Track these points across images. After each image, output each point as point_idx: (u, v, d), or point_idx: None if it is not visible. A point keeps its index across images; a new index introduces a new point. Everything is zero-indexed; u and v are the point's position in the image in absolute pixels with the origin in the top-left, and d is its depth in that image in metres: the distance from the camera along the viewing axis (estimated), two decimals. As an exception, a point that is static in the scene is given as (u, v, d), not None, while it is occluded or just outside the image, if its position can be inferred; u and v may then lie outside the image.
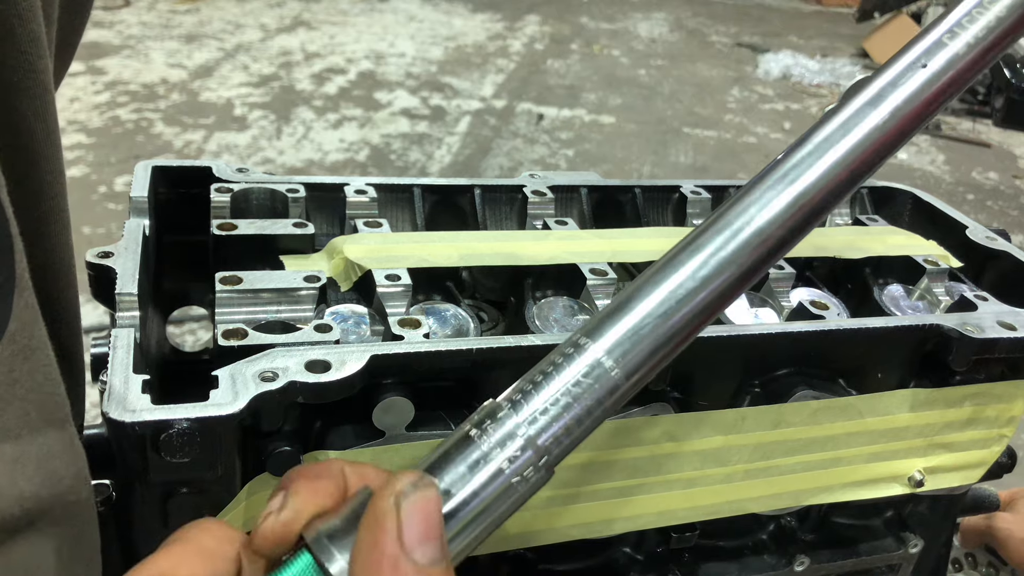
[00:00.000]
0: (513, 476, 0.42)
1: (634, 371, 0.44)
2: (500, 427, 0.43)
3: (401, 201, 0.87)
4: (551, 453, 0.43)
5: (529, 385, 0.44)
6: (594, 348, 0.44)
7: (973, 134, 5.82)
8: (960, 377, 0.76)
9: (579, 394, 0.43)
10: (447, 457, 0.43)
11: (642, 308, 0.45)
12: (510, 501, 0.43)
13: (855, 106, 0.49)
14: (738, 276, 0.46)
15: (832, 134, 0.48)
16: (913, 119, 0.49)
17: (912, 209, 1.02)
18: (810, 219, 0.48)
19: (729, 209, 0.48)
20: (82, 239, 3.36)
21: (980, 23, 0.49)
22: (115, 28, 6.42)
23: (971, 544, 1.06)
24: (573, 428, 0.43)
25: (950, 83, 0.49)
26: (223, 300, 0.64)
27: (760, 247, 0.46)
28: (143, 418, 0.49)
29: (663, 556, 0.77)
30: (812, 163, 0.48)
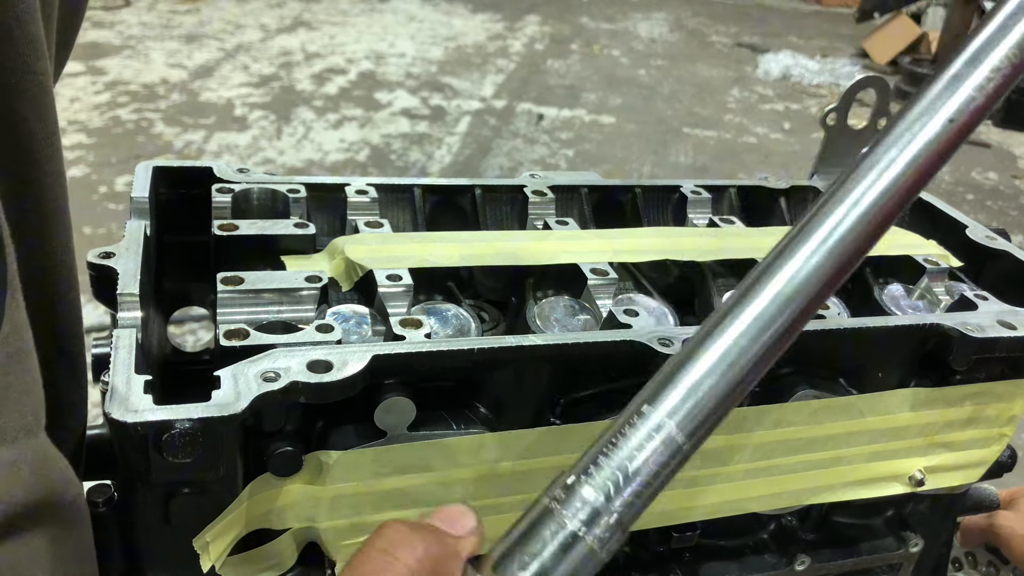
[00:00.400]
0: (594, 543, 0.45)
1: (695, 432, 0.47)
2: (575, 497, 0.45)
3: (402, 201, 0.87)
4: (623, 517, 0.46)
5: (597, 454, 0.47)
6: (655, 414, 0.47)
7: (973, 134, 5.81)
8: (960, 376, 0.76)
9: (645, 459, 0.46)
10: (532, 530, 0.45)
11: (697, 370, 0.47)
12: (590, 566, 0.45)
13: (877, 155, 0.51)
14: (781, 333, 0.49)
15: (859, 188, 0.51)
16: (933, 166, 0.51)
17: (912, 209, 1.02)
18: (845, 270, 0.50)
19: (770, 266, 0.51)
20: (83, 239, 3.36)
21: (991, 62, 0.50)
22: (115, 28, 6.43)
23: (971, 543, 1.06)
24: (642, 492, 0.46)
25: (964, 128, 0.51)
26: (224, 300, 0.65)
27: (801, 302, 0.49)
28: (145, 418, 0.49)
29: (664, 555, 0.77)
30: (844, 216, 0.51)
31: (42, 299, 0.60)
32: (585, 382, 0.66)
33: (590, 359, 0.65)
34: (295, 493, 0.58)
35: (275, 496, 0.57)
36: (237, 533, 0.56)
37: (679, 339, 0.64)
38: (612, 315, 0.69)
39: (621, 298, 0.78)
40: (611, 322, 0.69)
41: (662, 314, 0.79)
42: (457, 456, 0.61)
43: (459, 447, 0.61)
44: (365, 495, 0.59)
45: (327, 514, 0.59)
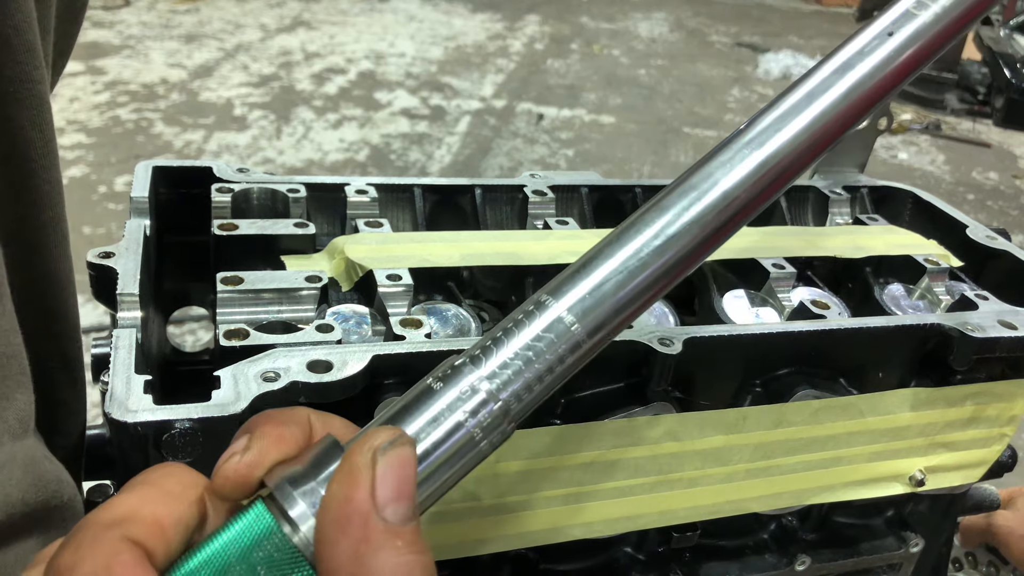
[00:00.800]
0: (474, 428, 0.41)
1: (596, 329, 0.44)
2: (462, 380, 0.42)
3: (402, 201, 0.87)
4: (512, 408, 0.43)
5: (490, 341, 0.44)
6: (556, 306, 0.44)
7: (973, 134, 5.82)
8: (961, 376, 0.76)
9: (541, 350, 0.43)
10: (408, 409, 0.42)
11: (605, 267, 0.45)
12: (471, 454, 0.42)
13: (822, 74, 0.49)
14: (702, 239, 0.46)
15: (799, 102, 0.49)
16: (879, 89, 0.49)
17: (912, 209, 1.02)
18: (774, 184, 0.48)
19: (695, 172, 0.48)
20: (82, 239, 3.36)
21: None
22: (115, 28, 6.42)
23: (972, 543, 1.06)
24: (534, 384, 0.43)
25: (916, 54, 0.49)
26: (224, 300, 0.65)
27: (725, 210, 0.46)
28: (145, 418, 0.49)
29: (664, 556, 0.77)
30: (778, 129, 0.48)
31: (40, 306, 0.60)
32: (585, 382, 0.66)
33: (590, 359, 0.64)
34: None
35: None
36: (237, 533, 0.56)
37: (680, 339, 0.64)
38: (612, 315, 0.68)
39: (621, 298, 0.78)
40: (611, 322, 0.69)
41: (662, 314, 0.79)
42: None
43: (459, 447, 0.60)
44: (365, 495, 0.59)
45: (327, 514, 0.59)
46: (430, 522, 0.62)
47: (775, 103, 0.50)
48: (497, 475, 0.63)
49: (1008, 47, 3.75)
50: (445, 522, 0.62)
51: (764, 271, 0.81)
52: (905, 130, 5.75)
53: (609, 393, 0.67)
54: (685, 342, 0.64)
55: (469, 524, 0.63)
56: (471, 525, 0.63)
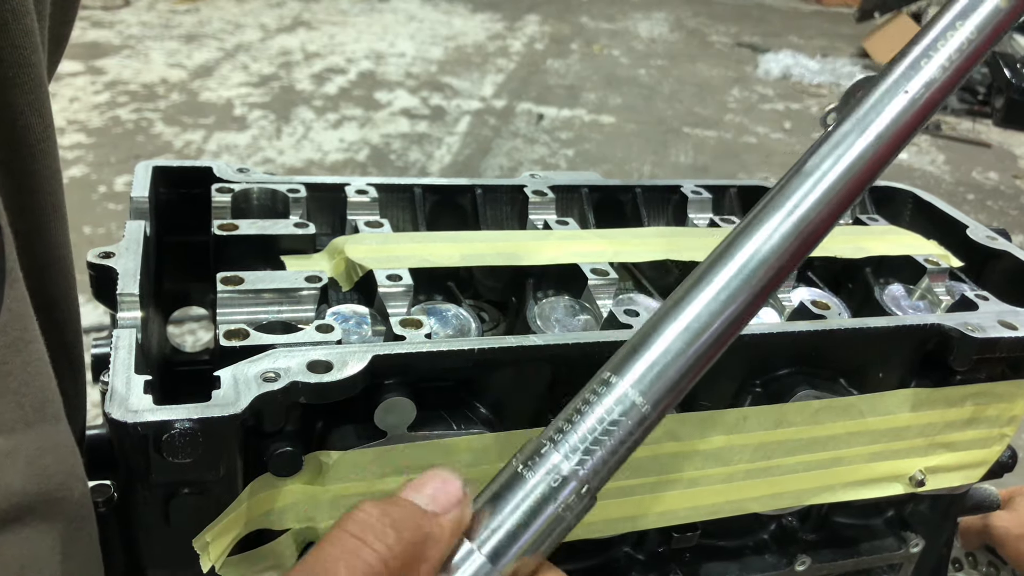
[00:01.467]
0: (562, 508, 0.47)
1: (659, 402, 0.48)
2: (544, 463, 0.47)
3: (402, 201, 0.87)
4: (591, 483, 0.47)
5: (565, 422, 0.48)
6: (621, 384, 0.48)
7: (973, 134, 5.82)
8: (961, 377, 0.76)
9: (611, 428, 0.48)
10: (499, 495, 0.47)
11: (662, 341, 0.49)
12: (559, 529, 0.47)
13: (842, 132, 0.52)
14: (746, 305, 0.50)
15: (823, 164, 0.51)
16: (896, 143, 0.52)
17: (913, 209, 1.02)
18: (809, 244, 0.51)
19: (735, 240, 0.51)
20: (82, 239, 3.36)
21: (953, 44, 0.52)
22: (115, 28, 6.42)
23: (971, 543, 1.06)
24: (609, 458, 0.48)
25: (927, 105, 0.52)
26: (224, 300, 0.64)
27: (765, 275, 0.50)
28: (145, 419, 0.49)
29: (664, 556, 0.77)
30: (808, 192, 0.51)
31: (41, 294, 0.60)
32: (586, 382, 0.66)
33: (590, 359, 0.64)
34: (295, 493, 0.57)
35: (275, 496, 0.57)
36: (237, 533, 0.56)
37: (679, 339, 0.64)
38: (612, 315, 0.69)
39: (621, 298, 0.78)
40: (611, 322, 0.69)
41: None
42: (457, 456, 0.61)
43: (459, 447, 0.61)
44: (365, 495, 0.59)
45: (327, 514, 0.59)
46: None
47: (799, 167, 0.52)
48: (497, 475, 0.63)
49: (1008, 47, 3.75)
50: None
51: (764, 271, 0.81)
52: (905, 130, 5.74)
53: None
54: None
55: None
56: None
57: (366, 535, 0.43)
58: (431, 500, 0.47)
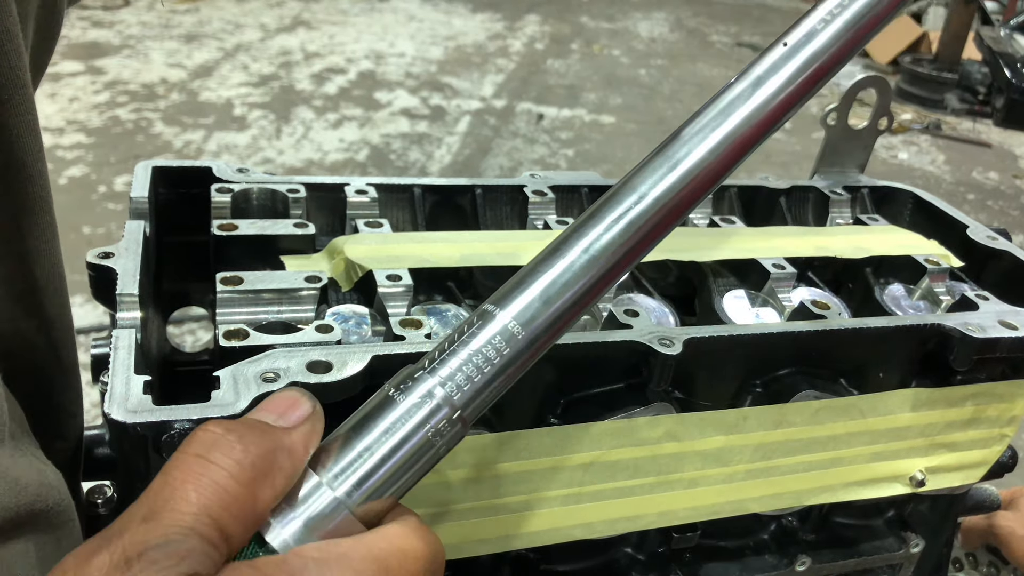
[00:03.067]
0: (430, 431, 0.45)
1: (538, 335, 0.48)
2: (418, 387, 0.46)
3: (402, 201, 0.87)
4: (464, 410, 0.47)
5: (442, 350, 0.48)
6: (501, 315, 0.48)
7: (973, 134, 5.82)
8: (961, 377, 0.76)
9: (489, 356, 0.47)
10: (370, 416, 0.46)
11: (544, 277, 0.49)
12: (427, 457, 0.46)
13: (737, 88, 0.54)
14: (630, 247, 0.51)
15: (716, 116, 0.53)
16: (789, 100, 0.54)
17: (913, 209, 1.02)
18: (697, 193, 0.52)
19: (622, 186, 0.52)
20: (82, 239, 3.36)
21: (850, 11, 0.54)
22: (115, 28, 6.42)
23: (972, 544, 1.06)
24: (484, 388, 0.47)
25: (822, 67, 0.54)
26: (224, 300, 0.64)
27: (651, 219, 0.51)
28: (145, 419, 0.49)
29: (664, 556, 0.77)
30: (697, 144, 0.52)
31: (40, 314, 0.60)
32: (585, 382, 0.66)
33: (590, 359, 0.64)
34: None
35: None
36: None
37: (679, 339, 0.64)
38: (612, 315, 0.69)
39: (621, 298, 0.78)
40: (611, 322, 0.69)
41: (662, 314, 0.79)
42: (457, 456, 0.61)
43: (459, 447, 0.60)
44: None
45: (327, 515, 0.59)
46: (431, 523, 0.62)
47: (695, 116, 0.54)
48: (497, 475, 0.62)
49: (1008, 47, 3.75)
50: (445, 522, 0.62)
51: (764, 271, 0.81)
52: (905, 130, 5.75)
53: (609, 393, 0.67)
54: (685, 342, 0.64)
55: (469, 524, 0.63)
56: (471, 525, 0.63)
57: (211, 453, 0.41)
58: (278, 416, 0.45)
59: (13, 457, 0.47)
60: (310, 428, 0.45)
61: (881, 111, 0.98)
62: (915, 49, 7.02)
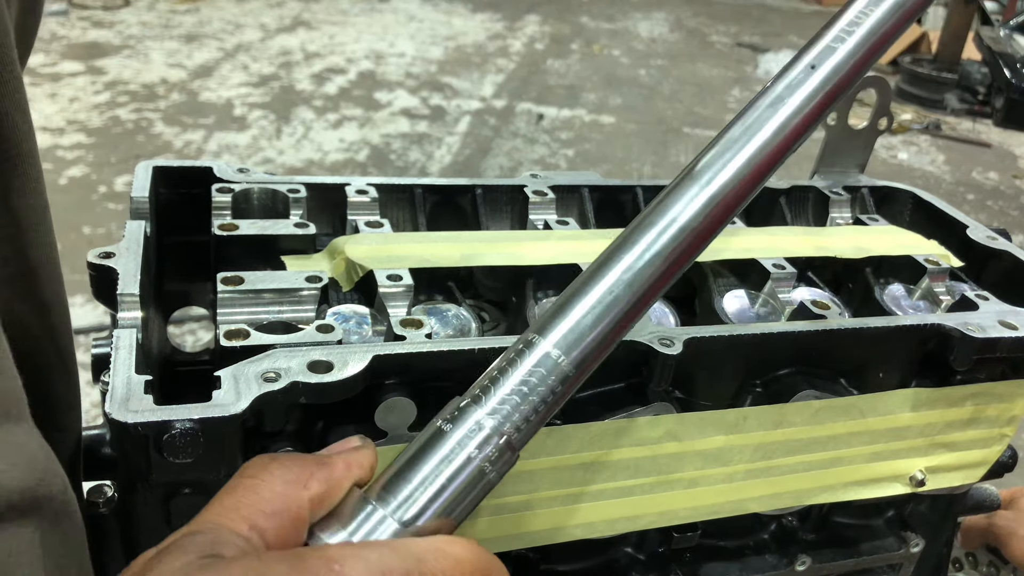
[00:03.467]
0: (483, 462, 0.47)
1: (581, 361, 0.50)
2: (467, 419, 0.47)
3: (402, 201, 0.87)
4: (514, 439, 0.48)
5: (488, 381, 0.49)
6: (544, 343, 0.49)
7: (973, 134, 5.82)
8: (961, 376, 0.76)
9: (534, 384, 0.49)
10: (423, 451, 0.47)
11: (584, 303, 0.51)
12: (482, 484, 0.47)
13: (758, 109, 0.54)
14: (664, 269, 0.52)
15: (739, 136, 0.54)
16: (808, 119, 0.54)
17: (913, 209, 1.02)
18: (725, 214, 0.54)
19: (653, 210, 0.53)
20: (82, 239, 3.36)
21: (864, 27, 0.55)
22: (115, 28, 6.42)
23: (972, 543, 1.06)
24: (531, 415, 0.48)
25: (839, 84, 0.55)
26: (225, 300, 0.64)
27: (683, 242, 0.52)
28: (145, 419, 0.49)
29: (665, 556, 0.77)
30: (724, 165, 0.53)
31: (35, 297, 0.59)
32: (586, 382, 0.66)
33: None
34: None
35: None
36: (237, 533, 0.56)
37: (680, 339, 0.64)
38: (613, 315, 0.69)
39: (622, 298, 0.78)
40: (612, 322, 0.69)
41: (662, 314, 0.79)
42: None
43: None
44: (365, 495, 0.59)
45: (327, 514, 0.59)
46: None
47: (717, 140, 0.55)
48: (497, 475, 0.63)
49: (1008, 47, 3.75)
50: (445, 522, 0.62)
51: (764, 271, 0.81)
52: (905, 130, 5.75)
53: (609, 393, 0.67)
54: (685, 342, 0.64)
55: (469, 524, 0.63)
56: (471, 525, 0.63)
57: (247, 469, 0.45)
58: (325, 451, 0.49)
59: (29, 435, 0.46)
60: (354, 453, 0.48)
61: (881, 111, 0.98)
62: (915, 49, 7.01)
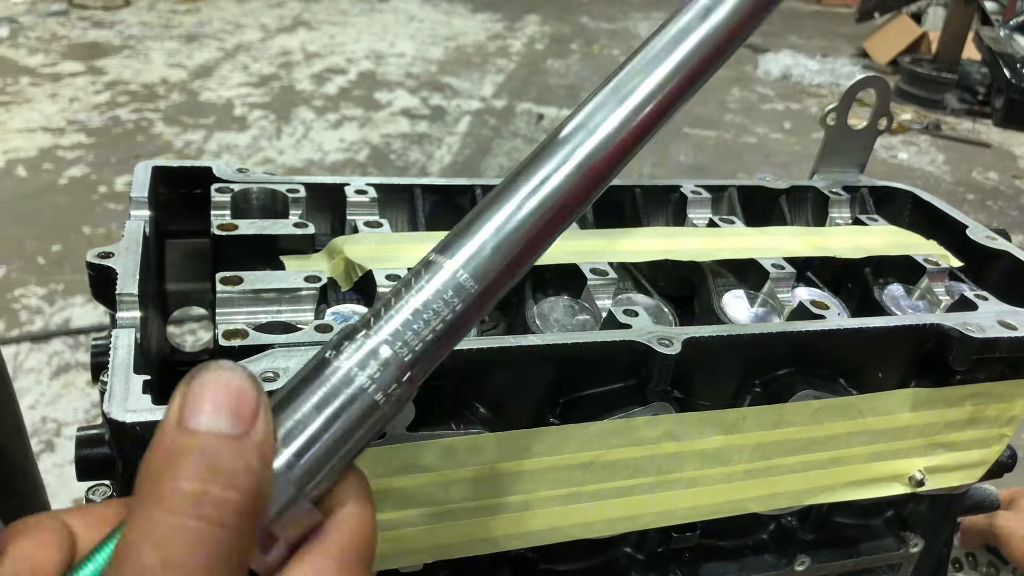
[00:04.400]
0: (376, 393, 0.40)
1: (492, 284, 0.44)
2: (359, 348, 0.41)
3: (401, 201, 0.87)
4: (412, 369, 0.41)
5: (384, 305, 0.43)
6: (450, 264, 0.44)
7: (973, 134, 5.82)
8: (960, 377, 0.76)
9: (439, 310, 0.42)
10: (304, 382, 0.40)
11: (492, 222, 0.46)
12: (374, 418, 0.40)
13: (684, 19, 0.52)
14: (582, 184, 0.47)
15: (659, 51, 0.51)
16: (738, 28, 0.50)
17: (912, 209, 1.02)
18: (646, 125, 0.49)
19: (569, 121, 0.49)
20: (82, 239, 3.36)
21: None
22: (115, 28, 6.43)
23: (972, 544, 1.06)
24: (432, 343, 0.42)
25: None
26: (224, 300, 0.64)
27: (603, 154, 0.48)
28: (144, 418, 0.49)
29: (664, 556, 0.77)
30: (644, 76, 0.50)
31: None
32: (585, 382, 0.66)
33: (590, 359, 0.64)
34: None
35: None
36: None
37: (679, 339, 0.64)
38: (612, 315, 0.69)
39: (621, 298, 0.78)
40: (611, 322, 0.69)
41: (662, 314, 0.79)
42: (457, 456, 0.61)
43: (459, 447, 0.61)
44: (364, 495, 0.59)
45: (326, 514, 0.59)
46: (430, 522, 0.62)
47: (643, 48, 0.52)
48: (497, 475, 0.63)
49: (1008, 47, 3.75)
50: (445, 522, 0.62)
51: (764, 271, 0.81)
52: (905, 130, 5.75)
53: (608, 393, 0.67)
54: (684, 342, 0.64)
55: (469, 524, 0.63)
56: (471, 525, 0.63)
57: None
58: (234, 419, 0.36)
59: None
60: (265, 425, 0.37)
61: (881, 111, 0.98)
62: (915, 49, 7.02)
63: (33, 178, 3.96)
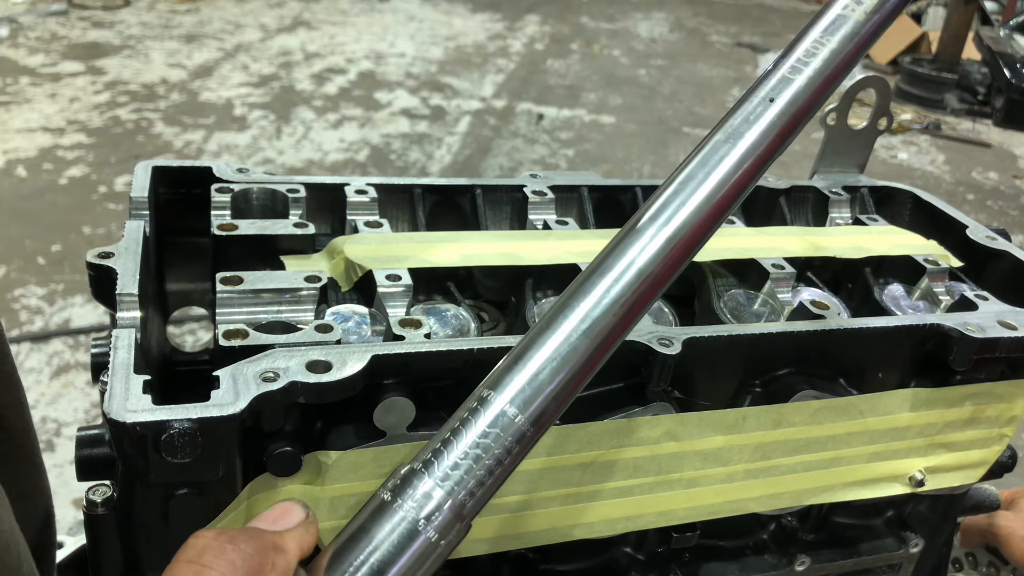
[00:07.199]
0: (432, 534, 0.43)
1: (539, 417, 0.45)
2: (415, 489, 0.44)
3: (401, 201, 0.87)
4: (467, 506, 0.44)
5: (439, 444, 0.45)
6: (499, 399, 0.45)
7: (973, 134, 5.82)
8: (961, 377, 0.76)
9: (489, 446, 0.44)
10: (365, 527, 0.44)
11: (539, 355, 0.46)
12: (432, 558, 0.43)
13: (713, 143, 0.51)
14: (623, 316, 0.48)
15: (696, 174, 0.50)
16: (767, 152, 0.51)
17: (912, 209, 1.02)
18: (684, 255, 0.50)
19: (609, 254, 0.49)
20: (82, 239, 3.36)
21: (820, 57, 0.54)
22: (115, 28, 6.42)
23: (972, 543, 1.06)
24: (485, 479, 0.44)
25: (797, 115, 0.52)
26: (224, 300, 0.64)
27: (641, 286, 0.49)
28: (144, 418, 0.49)
29: (664, 556, 0.77)
30: (681, 204, 0.50)
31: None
32: (585, 382, 0.66)
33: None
34: (294, 493, 0.57)
35: (274, 496, 0.57)
36: (236, 533, 0.56)
37: (679, 339, 0.64)
38: (612, 315, 0.68)
39: (621, 298, 0.78)
40: (611, 322, 0.69)
41: (662, 314, 0.79)
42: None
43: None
44: (364, 495, 0.59)
45: (326, 514, 0.59)
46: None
47: (675, 175, 0.51)
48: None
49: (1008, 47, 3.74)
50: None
51: (763, 271, 0.81)
52: (905, 130, 5.75)
53: (609, 393, 0.67)
54: (684, 342, 0.64)
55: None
56: (471, 525, 0.63)
57: (203, 557, 0.43)
58: (271, 523, 0.48)
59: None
60: (303, 531, 0.47)
61: (881, 111, 0.98)
62: (915, 49, 7.01)
63: (33, 178, 3.96)
